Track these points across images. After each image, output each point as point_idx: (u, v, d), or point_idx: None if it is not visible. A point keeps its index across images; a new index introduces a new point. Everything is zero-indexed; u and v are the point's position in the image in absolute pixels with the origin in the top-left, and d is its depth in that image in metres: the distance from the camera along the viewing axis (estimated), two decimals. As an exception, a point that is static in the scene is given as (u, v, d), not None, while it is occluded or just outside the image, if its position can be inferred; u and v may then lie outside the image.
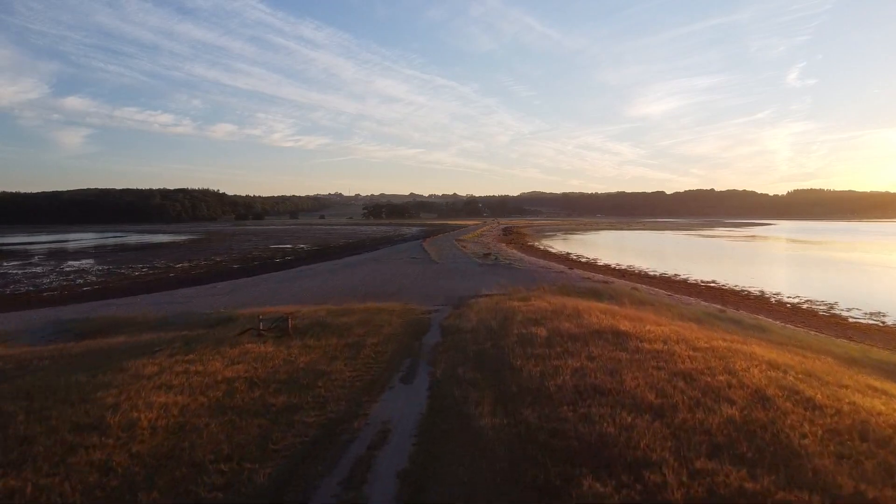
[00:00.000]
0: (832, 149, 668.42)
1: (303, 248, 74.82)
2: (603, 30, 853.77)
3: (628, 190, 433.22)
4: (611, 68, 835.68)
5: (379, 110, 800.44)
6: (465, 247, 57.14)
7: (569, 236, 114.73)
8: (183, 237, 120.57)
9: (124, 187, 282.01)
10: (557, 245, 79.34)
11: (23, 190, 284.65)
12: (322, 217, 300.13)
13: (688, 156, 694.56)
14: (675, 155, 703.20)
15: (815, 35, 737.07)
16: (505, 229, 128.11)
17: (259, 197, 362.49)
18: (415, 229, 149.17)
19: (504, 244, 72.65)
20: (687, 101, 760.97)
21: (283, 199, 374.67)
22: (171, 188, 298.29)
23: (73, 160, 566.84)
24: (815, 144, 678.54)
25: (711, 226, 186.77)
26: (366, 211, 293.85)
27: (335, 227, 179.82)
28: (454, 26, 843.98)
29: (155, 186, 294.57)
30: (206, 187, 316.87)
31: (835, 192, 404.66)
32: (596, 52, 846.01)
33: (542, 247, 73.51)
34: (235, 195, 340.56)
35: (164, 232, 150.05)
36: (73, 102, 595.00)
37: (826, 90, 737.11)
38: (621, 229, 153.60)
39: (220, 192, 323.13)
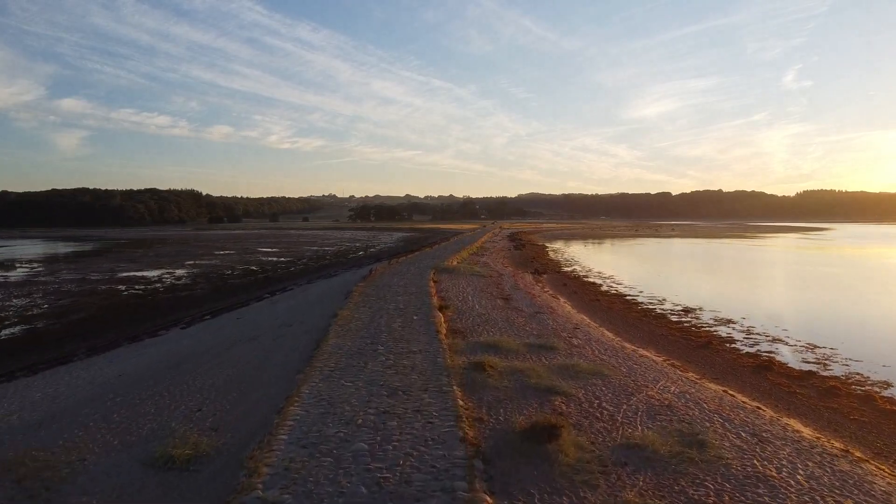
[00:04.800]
0: (827, 150, 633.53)
1: (172, 279, 39.60)
2: (599, 32, 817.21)
3: (627, 191, 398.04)
4: (607, 70, 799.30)
5: (376, 112, 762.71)
6: (450, 304, 21.63)
7: (600, 248, 79.61)
8: (81, 247, 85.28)
9: (112, 188, 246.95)
10: (606, 269, 44.16)
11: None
12: (305, 219, 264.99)
13: (684, 158, 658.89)
14: (671, 157, 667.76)
15: (811, 37, 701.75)
16: (512, 237, 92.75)
17: (242, 198, 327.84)
18: (396, 236, 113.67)
19: (530, 276, 37.21)
20: (683, 102, 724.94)
21: (270, 200, 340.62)
22: (163, 188, 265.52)
23: (70, 162, 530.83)
24: (811, 146, 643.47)
25: (749, 231, 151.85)
26: (352, 213, 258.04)
27: (304, 232, 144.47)
28: (451, 28, 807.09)
29: (152, 188, 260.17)
30: (198, 189, 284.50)
31: (846, 192, 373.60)
32: (592, 54, 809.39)
33: (600, 281, 38.15)
34: (220, 196, 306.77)
35: (81, 239, 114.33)
36: (70, 104, 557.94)
37: (822, 92, 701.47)
38: (652, 236, 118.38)
39: (199, 192, 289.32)
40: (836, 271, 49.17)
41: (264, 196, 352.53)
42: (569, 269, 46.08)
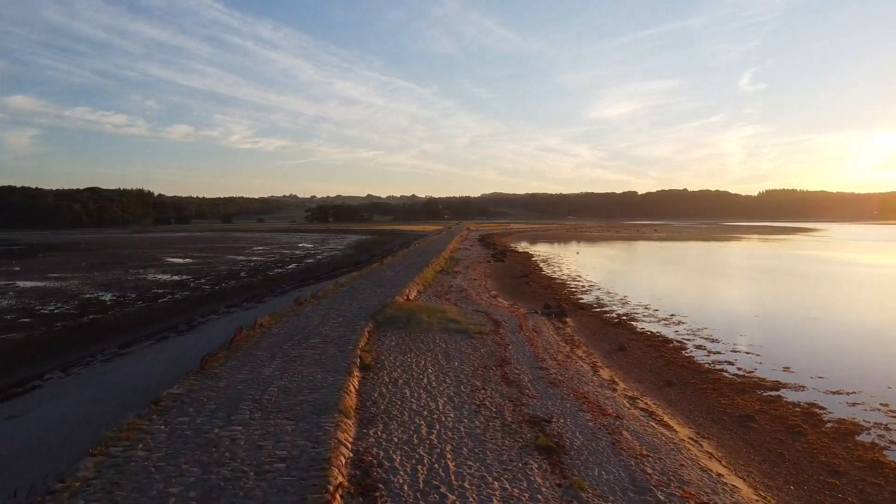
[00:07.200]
0: (782, 152, 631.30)
1: None
2: (560, 33, 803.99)
3: (589, 191, 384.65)
4: (568, 71, 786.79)
5: (338, 112, 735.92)
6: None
7: (597, 256, 63.76)
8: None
9: (47, 188, 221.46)
10: (641, 295, 28.11)
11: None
12: (261, 220, 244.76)
13: (645, 158, 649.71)
14: (632, 157, 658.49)
15: (766, 41, 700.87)
16: (484, 242, 76.49)
17: (196, 198, 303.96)
18: (349, 240, 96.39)
19: (546, 323, 21.03)
20: (643, 104, 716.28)
21: (226, 200, 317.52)
22: (111, 188, 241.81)
23: (19, 161, 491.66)
24: (766, 147, 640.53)
25: (736, 232, 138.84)
26: (309, 213, 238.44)
27: (249, 234, 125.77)
28: (413, 28, 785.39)
29: (93, 187, 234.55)
30: (158, 190, 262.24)
31: (807, 192, 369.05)
32: (554, 55, 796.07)
33: (669, 333, 22.13)
34: (173, 196, 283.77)
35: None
36: (20, 101, 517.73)
37: (776, 95, 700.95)
38: (638, 238, 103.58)
39: (148, 191, 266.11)
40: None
41: (229, 196, 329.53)
42: (588, 297, 29.82)
